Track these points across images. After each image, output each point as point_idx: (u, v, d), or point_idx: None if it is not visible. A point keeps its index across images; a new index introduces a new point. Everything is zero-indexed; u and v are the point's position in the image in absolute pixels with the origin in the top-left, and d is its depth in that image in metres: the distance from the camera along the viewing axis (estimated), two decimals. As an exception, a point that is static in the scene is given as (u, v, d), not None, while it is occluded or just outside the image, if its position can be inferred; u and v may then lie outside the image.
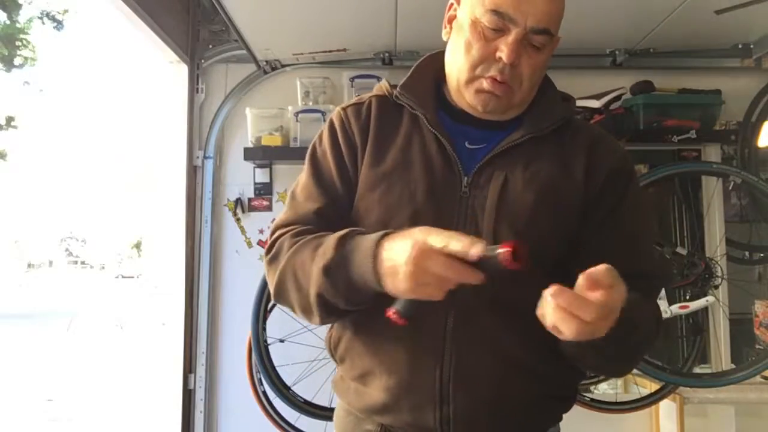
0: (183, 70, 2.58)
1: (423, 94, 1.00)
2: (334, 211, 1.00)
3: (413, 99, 0.99)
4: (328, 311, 0.91)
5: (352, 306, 0.90)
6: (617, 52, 2.68)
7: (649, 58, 2.71)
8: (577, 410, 2.26)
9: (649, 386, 2.37)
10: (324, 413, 1.94)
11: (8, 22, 9.64)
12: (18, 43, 9.78)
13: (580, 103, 2.05)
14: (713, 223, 2.60)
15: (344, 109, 1.06)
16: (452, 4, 1.00)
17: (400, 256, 0.78)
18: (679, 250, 2.01)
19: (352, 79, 2.56)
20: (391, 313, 0.81)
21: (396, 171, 0.96)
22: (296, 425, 2.01)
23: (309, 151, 1.08)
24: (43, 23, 10.42)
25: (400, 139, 0.99)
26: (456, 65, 0.96)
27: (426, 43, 2.72)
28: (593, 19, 2.38)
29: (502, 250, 0.72)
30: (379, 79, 2.58)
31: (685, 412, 2.34)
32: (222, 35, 2.66)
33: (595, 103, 2.02)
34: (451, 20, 1.00)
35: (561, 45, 1.06)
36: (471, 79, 0.95)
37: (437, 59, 1.05)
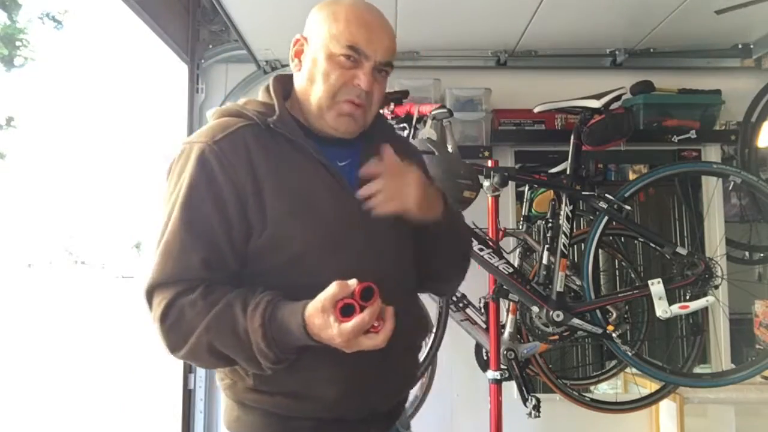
0: (183, 70, 2.59)
1: (290, 122, 1.07)
2: (219, 257, 0.99)
3: (287, 129, 1.05)
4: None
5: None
6: (617, 52, 2.68)
7: (649, 58, 2.71)
8: (577, 410, 2.28)
9: (649, 386, 2.37)
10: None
11: (8, 22, 9.64)
12: (18, 43, 9.78)
13: (580, 103, 2.05)
14: (713, 223, 2.60)
15: (215, 142, 1.01)
16: (299, 41, 1.11)
17: (334, 344, 0.91)
18: (679, 250, 2.00)
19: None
20: None
21: (306, 200, 1.03)
22: (296, 425, 2.02)
23: (175, 191, 0.99)
24: (43, 23, 10.44)
25: (292, 168, 1.04)
26: (316, 93, 1.07)
27: (426, 43, 2.75)
28: (593, 19, 2.38)
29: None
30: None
31: (685, 412, 2.34)
32: (222, 35, 2.66)
33: (595, 103, 2.02)
34: (298, 55, 1.11)
35: (561, 45, 1.09)
36: (332, 105, 1.06)
37: (283, 82, 1.14)
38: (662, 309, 1.91)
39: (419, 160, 1.28)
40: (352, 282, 0.89)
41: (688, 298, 1.98)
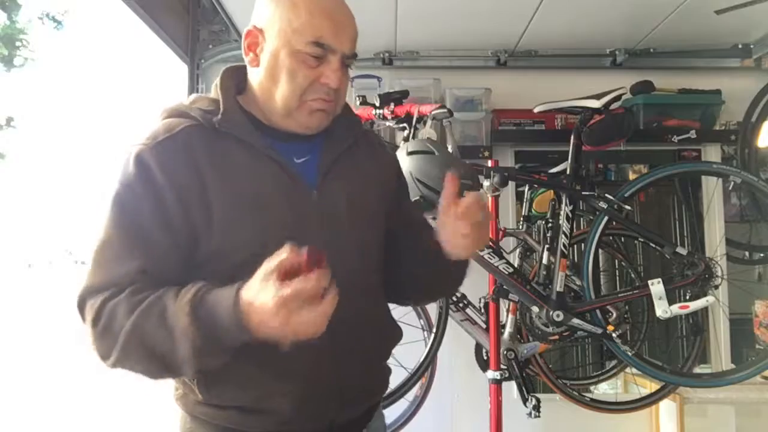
0: (183, 70, 2.59)
1: (240, 120, 1.01)
2: (157, 265, 0.92)
3: (235, 127, 0.99)
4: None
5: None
6: (617, 52, 2.68)
7: (649, 58, 2.71)
8: (577, 410, 2.28)
9: (649, 386, 2.37)
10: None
11: (8, 22, 9.65)
12: (18, 43, 9.78)
13: (580, 103, 2.05)
14: (713, 223, 2.60)
15: (156, 143, 0.95)
16: (252, 33, 1.02)
17: (267, 318, 0.79)
18: (679, 250, 2.00)
19: (352, 79, 2.54)
20: None
21: (256, 201, 0.96)
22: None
23: (113, 195, 0.94)
24: (43, 23, 10.44)
25: (241, 169, 0.97)
26: (281, 93, 0.99)
27: (426, 43, 2.75)
28: (593, 19, 2.39)
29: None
30: (379, 79, 2.58)
31: (685, 412, 2.35)
32: (222, 35, 2.66)
33: (595, 103, 2.02)
34: (252, 48, 1.02)
35: (561, 45, 1.08)
36: (300, 104, 1.00)
37: (235, 75, 1.06)
38: (662, 309, 1.91)
39: (393, 156, 1.26)
40: (303, 250, 0.80)
41: (688, 298, 1.98)
